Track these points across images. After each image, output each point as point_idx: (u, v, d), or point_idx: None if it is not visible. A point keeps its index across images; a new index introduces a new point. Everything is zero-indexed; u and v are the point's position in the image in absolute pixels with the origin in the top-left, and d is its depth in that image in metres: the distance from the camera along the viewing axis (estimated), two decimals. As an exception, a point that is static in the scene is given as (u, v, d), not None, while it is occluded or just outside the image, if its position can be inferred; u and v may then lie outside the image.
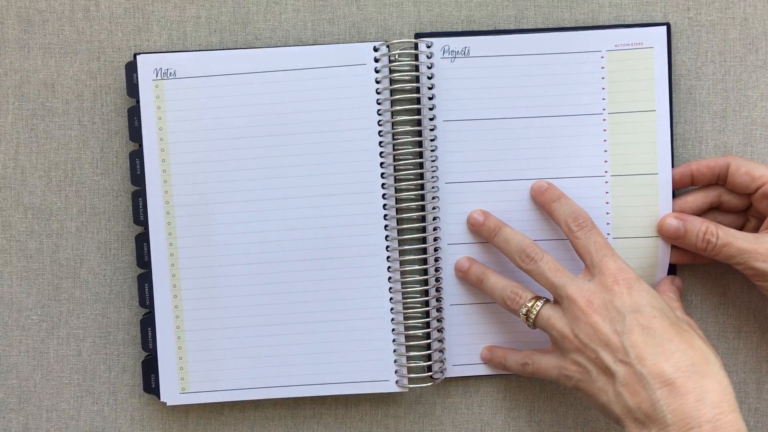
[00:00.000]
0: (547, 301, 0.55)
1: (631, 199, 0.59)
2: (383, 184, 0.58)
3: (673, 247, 0.59)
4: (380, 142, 0.58)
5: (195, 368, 0.60)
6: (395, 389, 0.59)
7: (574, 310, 0.52)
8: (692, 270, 0.61)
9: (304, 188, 0.58)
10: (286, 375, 0.59)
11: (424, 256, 0.60)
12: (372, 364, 0.59)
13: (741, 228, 0.59)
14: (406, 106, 0.59)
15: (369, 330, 0.59)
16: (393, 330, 0.59)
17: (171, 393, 0.60)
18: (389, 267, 0.59)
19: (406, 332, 0.60)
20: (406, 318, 0.59)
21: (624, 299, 0.51)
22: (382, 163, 0.58)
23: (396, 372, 0.59)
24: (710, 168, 0.58)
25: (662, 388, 0.48)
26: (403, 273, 0.59)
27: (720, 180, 0.58)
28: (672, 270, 0.60)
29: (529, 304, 0.55)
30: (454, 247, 0.60)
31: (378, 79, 0.58)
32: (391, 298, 0.59)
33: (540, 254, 0.55)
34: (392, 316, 0.59)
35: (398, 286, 0.59)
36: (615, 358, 0.50)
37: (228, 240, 0.59)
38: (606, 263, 0.53)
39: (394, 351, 0.59)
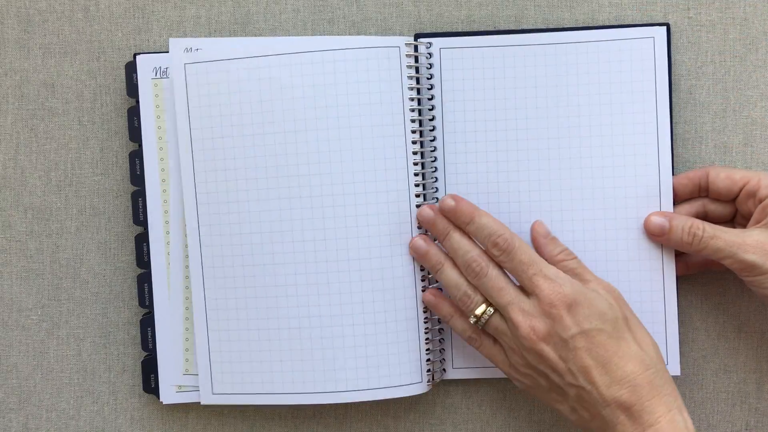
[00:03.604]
0: (497, 311, 0.54)
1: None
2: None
3: (676, 257, 0.59)
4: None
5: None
6: (425, 390, 0.58)
7: (519, 336, 0.52)
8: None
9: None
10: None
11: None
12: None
13: None
14: (420, 105, 0.59)
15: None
16: (426, 329, 0.58)
17: (170, 393, 0.60)
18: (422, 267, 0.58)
19: (431, 329, 0.59)
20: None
21: (565, 324, 0.51)
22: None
23: (428, 371, 0.58)
24: (690, 179, 0.58)
25: (619, 412, 0.50)
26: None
27: (702, 191, 0.58)
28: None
29: (478, 312, 0.54)
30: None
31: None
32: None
33: (485, 270, 0.54)
34: (424, 315, 0.58)
35: (425, 284, 0.58)
36: (564, 381, 0.52)
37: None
38: (538, 284, 0.52)
39: (428, 350, 0.58)
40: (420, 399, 0.62)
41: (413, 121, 0.57)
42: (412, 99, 0.57)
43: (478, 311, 0.54)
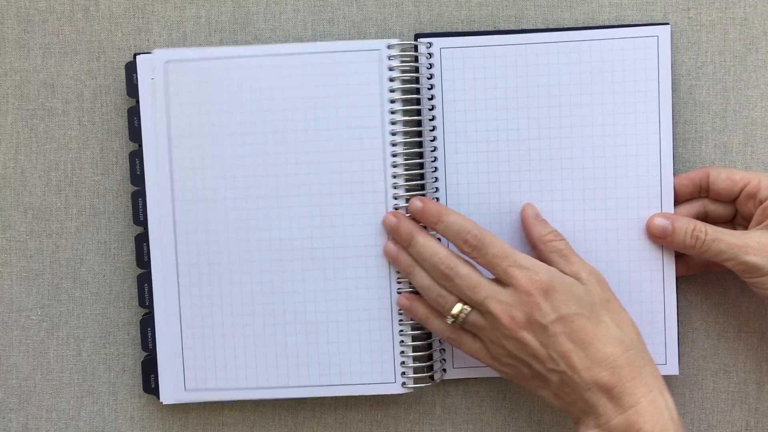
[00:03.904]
0: (474, 307, 0.54)
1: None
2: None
3: (676, 258, 0.59)
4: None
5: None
6: (401, 390, 0.59)
7: (500, 327, 0.52)
8: (692, 270, 0.61)
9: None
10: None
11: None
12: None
13: None
14: (408, 106, 0.59)
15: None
16: (401, 331, 0.59)
17: (170, 393, 0.60)
18: (391, 266, 0.59)
19: (405, 333, 0.59)
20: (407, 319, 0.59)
21: (543, 310, 0.51)
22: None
23: (404, 374, 0.59)
24: (691, 179, 0.58)
25: (600, 394, 0.50)
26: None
27: (702, 191, 0.59)
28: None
29: (455, 312, 0.54)
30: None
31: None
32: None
33: (455, 270, 0.54)
34: (399, 317, 0.59)
35: (406, 286, 0.59)
36: (546, 368, 0.52)
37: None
38: (513, 274, 0.52)
39: (402, 352, 0.59)
40: (420, 399, 0.62)
41: (393, 123, 0.58)
42: (392, 101, 0.58)
43: (455, 311, 0.54)
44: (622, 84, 0.58)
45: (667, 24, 0.58)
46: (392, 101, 0.57)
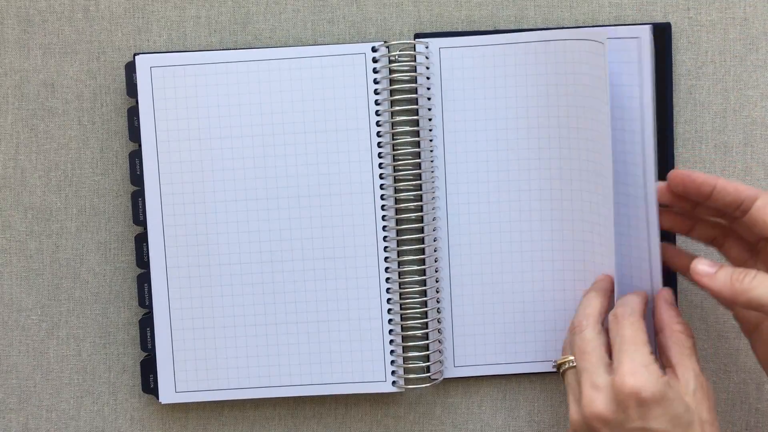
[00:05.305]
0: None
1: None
2: (382, 185, 0.59)
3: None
4: (379, 143, 0.58)
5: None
6: (391, 389, 0.59)
7: (580, 405, 0.50)
8: (692, 270, 0.61)
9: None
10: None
11: (423, 256, 0.60)
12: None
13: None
14: (406, 106, 0.59)
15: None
16: (391, 330, 0.59)
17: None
18: (387, 267, 0.59)
19: (405, 332, 0.60)
20: (405, 318, 0.59)
21: (630, 415, 0.48)
22: (381, 164, 0.58)
23: (394, 373, 0.59)
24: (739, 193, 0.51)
25: None
26: (401, 273, 0.59)
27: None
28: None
29: (560, 360, 0.53)
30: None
31: (377, 80, 0.58)
32: (389, 299, 0.59)
33: (581, 327, 0.52)
34: (390, 316, 0.59)
35: (396, 287, 0.59)
36: None
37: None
38: (622, 363, 0.49)
39: (392, 351, 0.59)
40: (420, 399, 0.62)
41: (379, 124, 0.58)
42: (378, 103, 0.58)
43: (561, 359, 0.53)
44: (612, 85, 0.58)
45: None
46: (378, 103, 0.58)
